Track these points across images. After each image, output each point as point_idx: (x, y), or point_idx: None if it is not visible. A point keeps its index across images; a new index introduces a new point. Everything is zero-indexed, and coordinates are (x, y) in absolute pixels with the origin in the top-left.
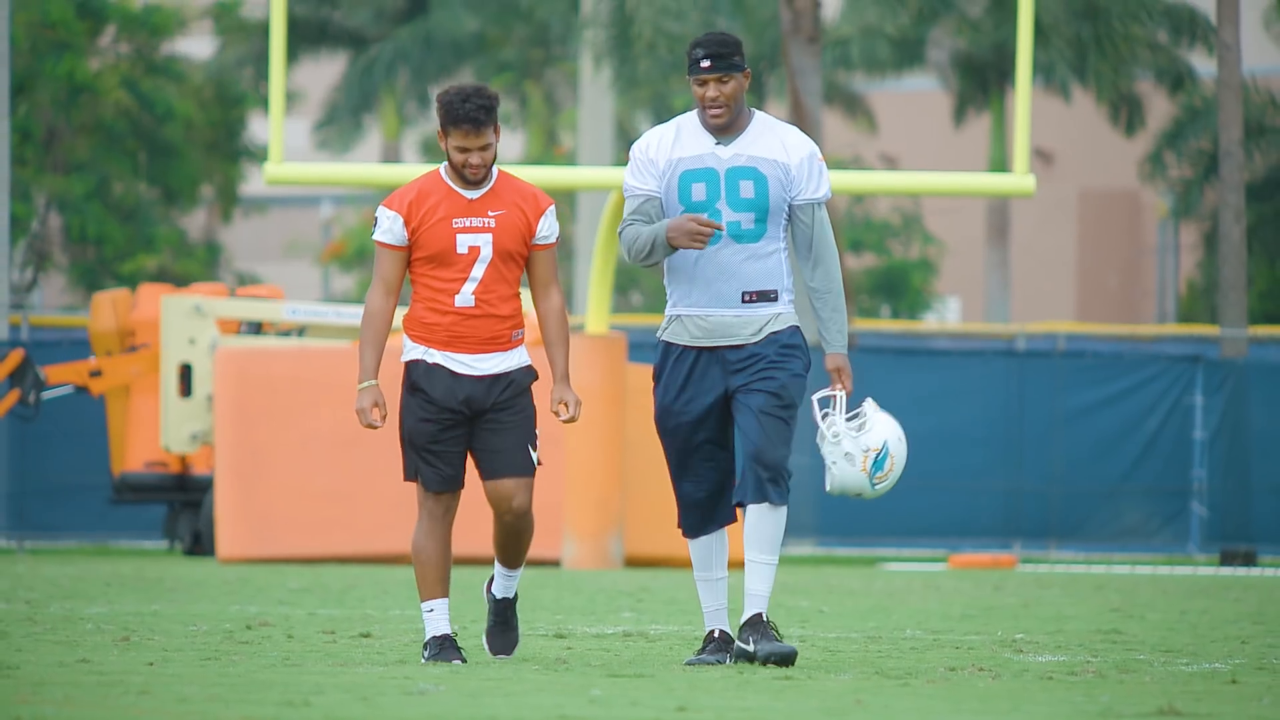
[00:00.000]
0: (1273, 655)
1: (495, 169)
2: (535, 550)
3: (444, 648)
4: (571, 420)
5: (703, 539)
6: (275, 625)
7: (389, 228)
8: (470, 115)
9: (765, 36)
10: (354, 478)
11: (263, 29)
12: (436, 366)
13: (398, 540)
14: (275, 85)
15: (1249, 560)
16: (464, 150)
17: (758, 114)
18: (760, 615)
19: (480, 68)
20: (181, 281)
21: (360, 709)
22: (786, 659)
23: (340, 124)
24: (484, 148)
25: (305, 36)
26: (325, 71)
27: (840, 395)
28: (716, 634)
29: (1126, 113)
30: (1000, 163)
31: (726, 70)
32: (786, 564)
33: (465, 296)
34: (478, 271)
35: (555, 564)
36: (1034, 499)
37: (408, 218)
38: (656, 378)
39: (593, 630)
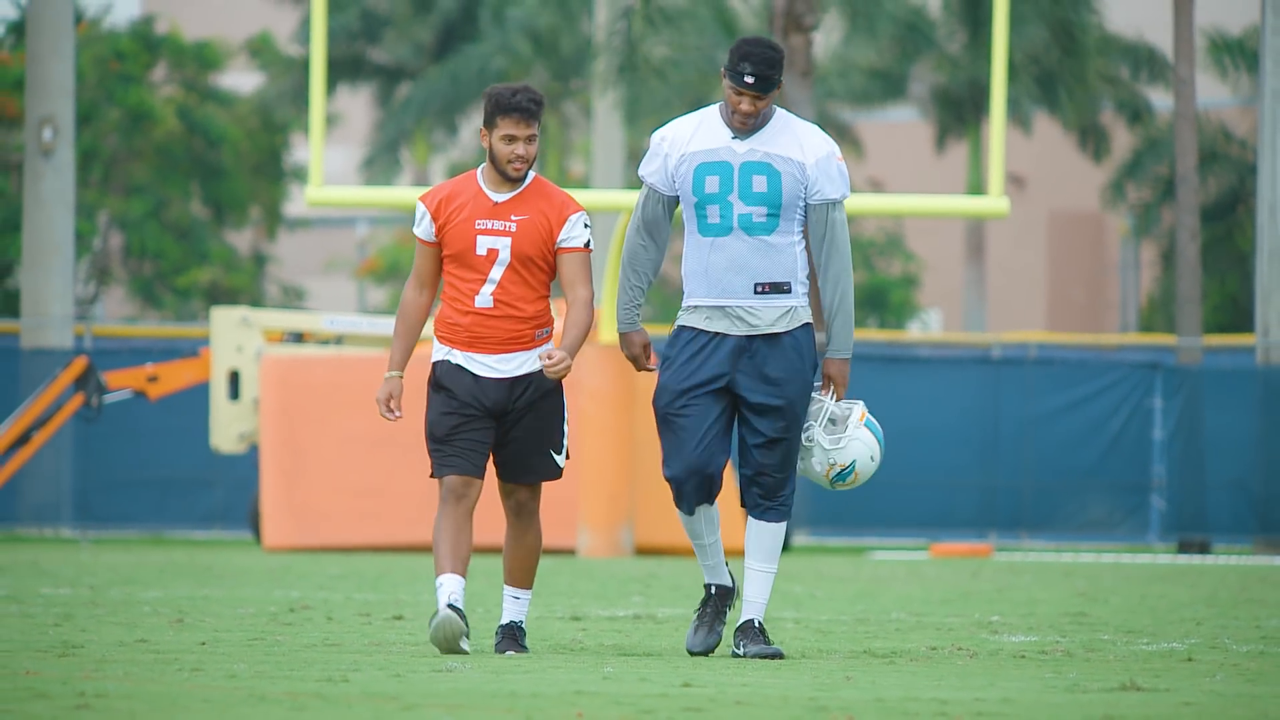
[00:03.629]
0: (1225, 636)
1: (532, 173)
2: (553, 539)
3: (447, 615)
4: (553, 368)
5: (694, 513)
6: (316, 608)
7: (420, 222)
8: (521, 105)
9: None
10: (387, 474)
11: (303, 65)
12: (460, 368)
13: (427, 531)
14: (315, 117)
15: (1204, 549)
16: (511, 140)
17: (778, 111)
18: (753, 621)
19: None
20: (231, 296)
21: (394, 685)
22: (774, 660)
23: (383, 161)
24: (530, 139)
25: (342, 70)
26: (362, 98)
27: (829, 402)
28: (713, 590)
29: (1094, 141)
30: (977, 187)
31: (767, 90)
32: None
33: (484, 297)
34: (495, 274)
35: (571, 552)
36: (1008, 493)
37: (435, 214)
38: (664, 359)
39: (605, 613)
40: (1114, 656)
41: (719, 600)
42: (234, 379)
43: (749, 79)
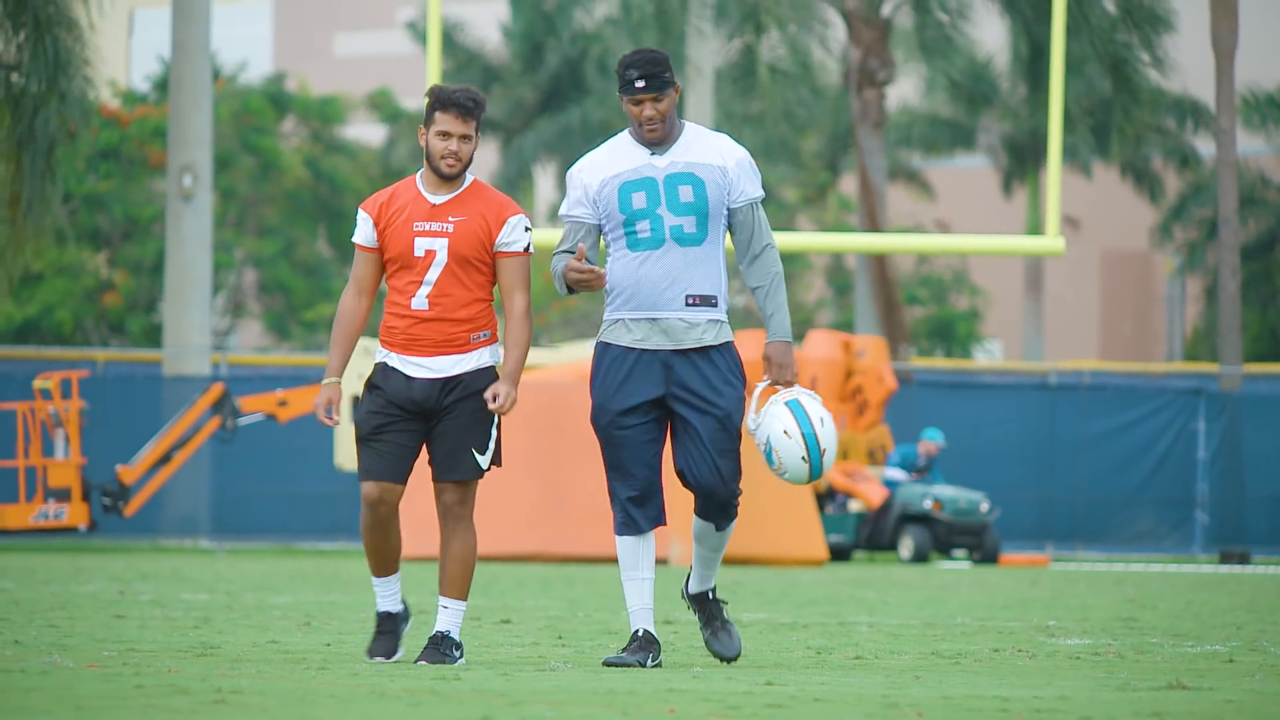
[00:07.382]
0: (1264, 639)
1: (470, 176)
2: None
3: (378, 626)
4: (498, 409)
5: (631, 539)
6: (429, 613)
7: (361, 228)
8: (459, 101)
9: (840, 121)
10: (493, 488)
11: (421, 118)
12: (394, 369)
13: (532, 541)
14: None
15: (1244, 560)
16: (446, 136)
17: (688, 124)
18: (707, 593)
19: None
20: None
21: (501, 683)
22: (734, 659)
23: None
24: (464, 138)
25: None
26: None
27: (763, 384)
28: (640, 634)
29: (1149, 185)
30: (1035, 227)
31: (660, 89)
32: (856, 563)
33: (420, 300)
34: (432, 275)
35: (663, 562)
36: (1064, 508)
37: (377, 219)
38: (593, 378)
39: (694, 618)
40: (1161, 658)
41: (645, 642)
42: (356, 403)
43: (639, 83)
